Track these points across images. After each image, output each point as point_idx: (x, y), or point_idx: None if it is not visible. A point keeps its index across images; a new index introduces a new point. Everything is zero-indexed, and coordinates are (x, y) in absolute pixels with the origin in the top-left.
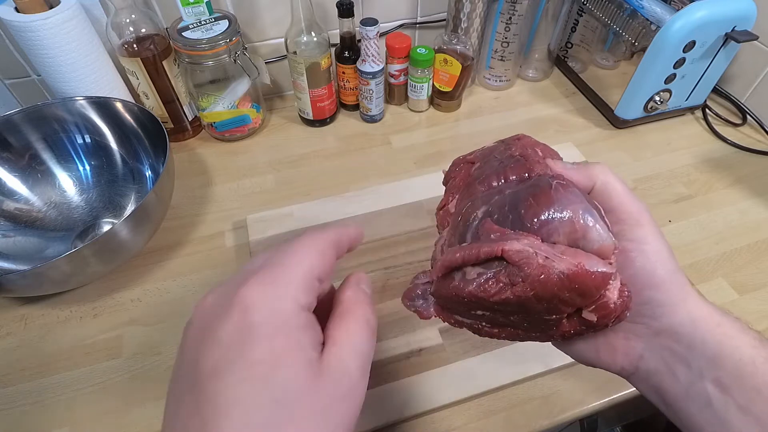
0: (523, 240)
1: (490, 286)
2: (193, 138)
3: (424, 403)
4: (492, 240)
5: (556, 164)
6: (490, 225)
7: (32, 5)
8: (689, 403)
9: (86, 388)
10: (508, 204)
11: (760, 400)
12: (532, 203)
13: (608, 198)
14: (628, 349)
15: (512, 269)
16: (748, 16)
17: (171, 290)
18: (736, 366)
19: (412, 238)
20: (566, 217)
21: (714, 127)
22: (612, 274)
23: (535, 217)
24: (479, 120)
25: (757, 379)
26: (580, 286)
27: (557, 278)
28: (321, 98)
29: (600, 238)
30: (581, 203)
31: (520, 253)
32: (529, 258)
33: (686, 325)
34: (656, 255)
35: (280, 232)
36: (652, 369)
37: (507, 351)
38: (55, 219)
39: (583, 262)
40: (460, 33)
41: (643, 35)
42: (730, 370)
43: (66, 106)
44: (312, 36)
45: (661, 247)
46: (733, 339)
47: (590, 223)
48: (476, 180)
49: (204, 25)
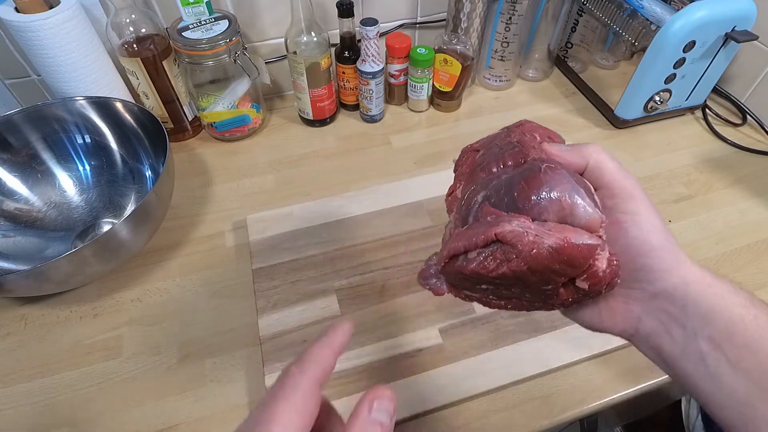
0: (514, 221)
1: (488, 264)
2: (193, 138)
3: (424, 403)
4: (488, 223)
5: (551, 147)
6: (488, 208)
7: (32, 5)
8: (685, 361)
9: (86, 388)
10: (503, 188)
11: (749, 356)
12: (523, 186)
13: (601, 175)
14: (627, 312)
15: (506, 248)
16: (748, 16)
17: (171, 290)
18: (727, 324)
19: (412, 238)
20: (554, 197)
21: (714, 127)
22: (598, 246)
23: (526, 199)
24: (479, 120)
25: (746, 335)
26: (568, 257)
27: (547, 252)
28: (321, 98)
29: (586, 214)
30: (568, 183)
31: (512, 233)
32: (521, 236)
33: (679, 288)
34: (648, 225)
35: (280, 232)
36: (650, 330)
37: (507, 351)
38: (55, 219)
39: (570, 236)
40: (460, 33)
41: (643, 35)
42: (721, 328)
43: (66, 106)
44: (312, 36)
45: (653, 217)
46: (723, 299)
47: (577, 201)
48: (479, 166)
49: (204, 25)
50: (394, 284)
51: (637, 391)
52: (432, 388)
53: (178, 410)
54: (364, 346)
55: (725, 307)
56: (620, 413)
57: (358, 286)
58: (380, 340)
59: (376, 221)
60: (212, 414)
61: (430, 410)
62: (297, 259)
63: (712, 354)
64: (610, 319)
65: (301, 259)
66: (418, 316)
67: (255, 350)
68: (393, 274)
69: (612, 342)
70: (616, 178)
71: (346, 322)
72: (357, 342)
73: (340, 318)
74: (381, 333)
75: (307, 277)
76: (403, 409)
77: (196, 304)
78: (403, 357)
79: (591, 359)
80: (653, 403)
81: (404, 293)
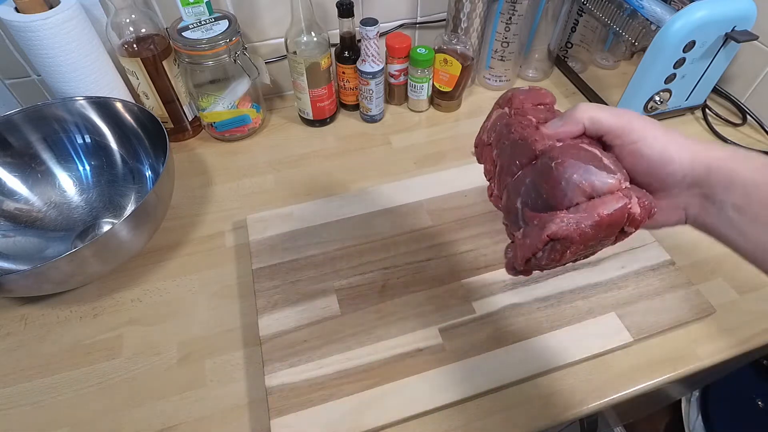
0: (556, 219)
1: (555, 256)
2: (193, 138)
3: (424, 403)
4: (537, 227)
5: (548, 130)
6: (530, 213)
7: (32, 5)
8: (721, 228)
9: (86, 388)
10: (533, 192)
11: (764, 211)
12: (546, 187)
13: (600, 128)
14: (674, 207)
15: (561, 241)
16: (748, 16)
17: (171, 290)
18: (744, 190)
19: (412, 238)
20: (574, 184)
21: (714, 127)
22: (625, 202)
23: (554, 197)
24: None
25: (760, 195)
26: (607, 224)
27: (591, 230)
28: (321, 98)
29: (604, 184)
30: (578, 167)
31: (559, 229)
32: (566, 229)
33: (703, 174)
34: (655, 142)
35: (280, 232)
36: (695, 213)
37: (507, 351)
38: (55, 219)
39: (601, 210)
40: (460, 33)
41: (643, 35)
42: (740, 194)
43: (66, 106)
44: (312, 36)
45: (658, 132)
46: (739, 169)
47: (592, 179)
48: (502, 170)
49: (204, 25)
50: (394, 284)
51: (637, 391)
52: (432, 388)
53: (178, 410)
54: (364, 346)
55: (742, 176)
56: (620, 413)
57: (358, 286)
58: (380, 340)
59: (376, 221)
60: (212, 414)
61: (430, 410)
62: (297, 259)
63: (737, 217)
64: (666, 216)
65: (301, 259)
66: (418, 316)
67: (255, 350)
68: (393, 274)
69: (612, 342)
70: (612, 122)
71: None
72: (357, 342)
73: (340, 318)
74: (381, 333)
75: (307, 277)
76: (403, 409)
77: (196, 304)
78: (403, 357)
79: (591, 359)
80: (653, 403)
81: (404, 293)
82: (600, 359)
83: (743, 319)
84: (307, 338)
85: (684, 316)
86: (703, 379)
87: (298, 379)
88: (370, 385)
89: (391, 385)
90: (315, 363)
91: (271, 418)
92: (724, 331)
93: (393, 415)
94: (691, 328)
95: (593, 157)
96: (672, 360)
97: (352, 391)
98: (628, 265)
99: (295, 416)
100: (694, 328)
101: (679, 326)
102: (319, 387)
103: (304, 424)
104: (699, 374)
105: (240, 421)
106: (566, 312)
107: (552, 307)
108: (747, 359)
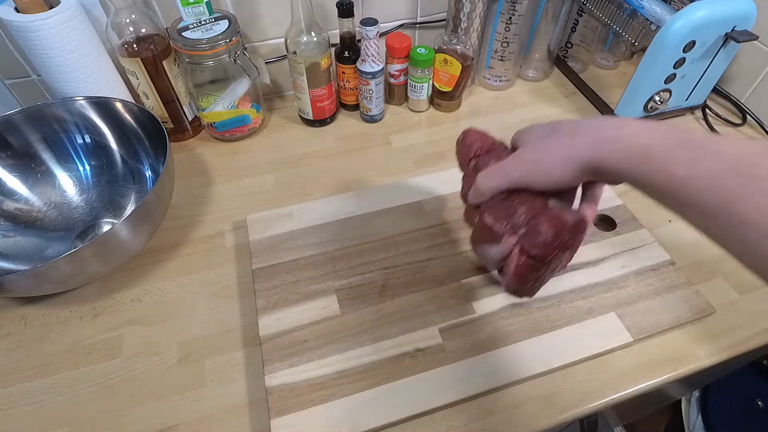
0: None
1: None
2: (193, 138)
3: (424, 403)
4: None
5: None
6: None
7: (32, 5)
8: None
9: (86, 388)
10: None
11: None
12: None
13: (505, 188)
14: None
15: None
16: (748, 16)
17: (171, 290)
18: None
19: (412, 238)
20: (490, 259)
21: (714, 127)
22: (523, 257)
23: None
24: (479, 120)
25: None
26: (527, 269)
27: (521, 276)
28: (321, 98)
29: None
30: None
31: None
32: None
33: (592, 170)
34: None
35: (280, 232)
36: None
37: (507, 351)
38: (55, 219)
39: (511, 268)
40: (460, 33)
41: (643, 35)
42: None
43: (66, 106)
44: (312, 36)
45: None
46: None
47: (491, 253)
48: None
49: (204, 25)
50: (394, 284)
51: (637, 391)
52: (432, 388)
53: (178, 410)
54: (364, 346)
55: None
56: (620, 413)
57: (358, 286)
58: (380, 340)
59: (376, 221)
60: (212, 414)
61: (430, 410)
62: (297, 259)
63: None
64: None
65: (301, 259)
66: (418, 316)
67: (255, 350)
68: (393, 274)
69: (612, 342)
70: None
71: None
72: (357, 342)
73: (340, 318)
74: (381, 333)
75: (307, 277)
76: (403, 409)
77: (196, 304)
78: (403, 357)
79: (591, 359)
80: (653, 403)
81: (404, 293)
82: (600, 359)
83: (743, 319)
84: (307, 338)
85: (684, 316)
86: (703, 379)
87: (298, 379)
88: (370, 385)
89: (391, 385)
90: (315, 363)
91: (271, 418)
92: (724, 331)
93: (393, 415)
94: (691, 328)
95: (488, 231)
96: (672, 360)
97: (352, 391)
98: (628, 265)
99: (295, 416)
100: (694, 328)
101: (679, 326)
102: (319, 387)
103: (304, 424)
104: (699, 374)
105: (240, 421)
106: (566, 312)
107: (552, 307)
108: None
